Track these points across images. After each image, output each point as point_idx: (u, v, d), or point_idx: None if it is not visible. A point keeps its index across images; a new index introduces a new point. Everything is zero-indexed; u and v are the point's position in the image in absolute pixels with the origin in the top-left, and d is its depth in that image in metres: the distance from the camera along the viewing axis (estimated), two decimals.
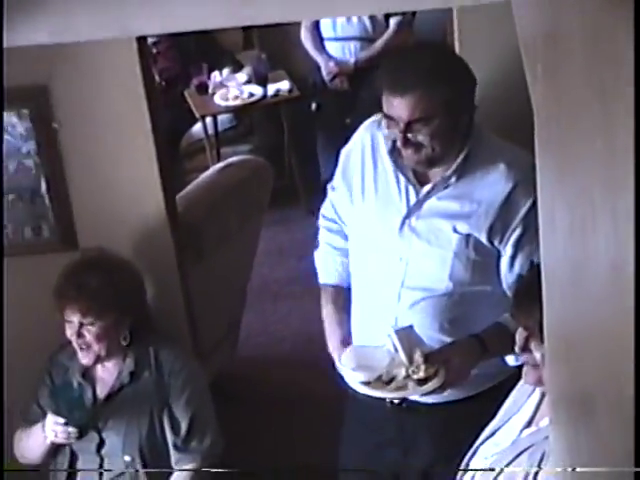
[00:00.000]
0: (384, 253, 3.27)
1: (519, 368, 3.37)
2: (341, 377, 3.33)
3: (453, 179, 3.16)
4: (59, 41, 2.12)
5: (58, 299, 3.61)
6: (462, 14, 3.68)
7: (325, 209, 3.56)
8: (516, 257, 3.18)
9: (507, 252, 3.18)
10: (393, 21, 6.11)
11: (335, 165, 3.46)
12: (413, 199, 3.20)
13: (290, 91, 6.54)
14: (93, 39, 2.36)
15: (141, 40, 3.74)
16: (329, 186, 3.53)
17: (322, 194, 3.60)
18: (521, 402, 2.72)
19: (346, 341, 3.36)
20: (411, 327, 3.20)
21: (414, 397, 3.27)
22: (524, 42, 1.99)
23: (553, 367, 1.99)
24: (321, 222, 3.58)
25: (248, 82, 6.74)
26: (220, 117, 6.83)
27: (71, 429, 3.56)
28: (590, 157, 1.27)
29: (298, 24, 6.17)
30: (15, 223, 3.93)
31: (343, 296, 3.45)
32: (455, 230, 3.16)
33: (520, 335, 2.51)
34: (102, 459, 3.73)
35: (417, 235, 3.20)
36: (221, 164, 5.32)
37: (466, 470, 2.78)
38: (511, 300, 2.51)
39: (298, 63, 6.58)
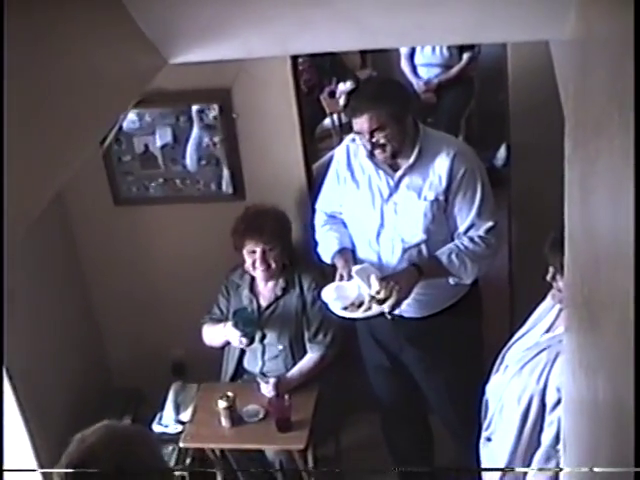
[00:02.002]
0: (377, 221, 3.27)
1: (468, 291, 3.32)
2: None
3: (416, 165, 3.18)
4: (237, 57, 2.10)
5: (241, 239, 3.65)
6: (514, 48, 3.57)
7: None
8: (453, 207, 3.21)
9: (450, 203, 3.20)
10: (465, 55, 6.01)
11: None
12: (392, 183, 3.22)
13: None
14: (262, 56, 2.34)
15: (293, 58, 3.70)
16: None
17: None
18: (544, 314, 2.67)
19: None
20: (367, 264, 3.21)
21: (406, 314, 3.32)
22: (559, 69, 1.93)
23: (570, 292, 1.94)
24: (318, 215, 3.54)
25: None
26: (342, 114, 6.77)
27: (244, 339, 3.63)
28: (609, 153, 1.21)
29: (399, 51, 6.09)
30: (205, 180, 3.95)
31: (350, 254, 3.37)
32: (425, 198, 3.19)
33: (550, 270, 2.48)
34: (264, 347, 3.79)
35: (397, 205, 3.23)
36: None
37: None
38: (547, 247, 2.46)
39: (398, 79, 6.46)
